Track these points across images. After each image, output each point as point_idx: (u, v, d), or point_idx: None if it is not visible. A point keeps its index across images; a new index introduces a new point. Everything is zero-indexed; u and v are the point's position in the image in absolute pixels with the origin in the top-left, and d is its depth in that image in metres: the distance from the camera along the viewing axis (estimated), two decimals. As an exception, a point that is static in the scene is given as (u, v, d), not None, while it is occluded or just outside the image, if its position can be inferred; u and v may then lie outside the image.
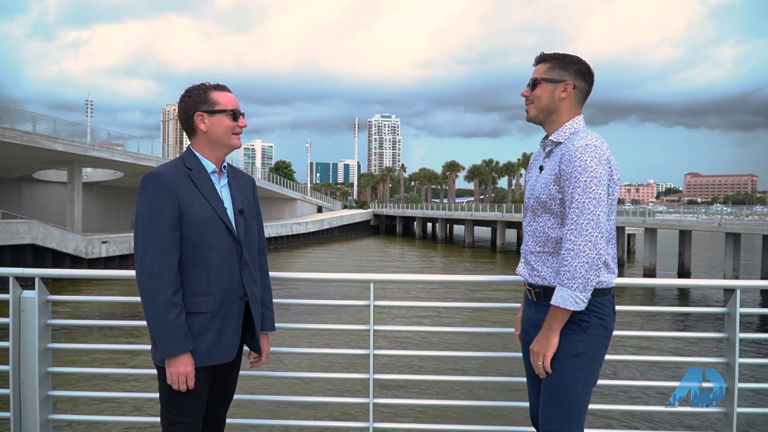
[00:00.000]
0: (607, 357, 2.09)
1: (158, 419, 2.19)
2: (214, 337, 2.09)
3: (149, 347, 2.17)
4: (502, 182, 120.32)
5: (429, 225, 66.62)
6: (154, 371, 2.16)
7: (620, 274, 2.18)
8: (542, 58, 2.09)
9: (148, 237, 2.00)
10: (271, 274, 2.46)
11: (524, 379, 2.30)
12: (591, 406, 2.09)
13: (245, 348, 2.33)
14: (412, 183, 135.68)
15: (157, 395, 2.17)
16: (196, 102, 2.13)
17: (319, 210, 74.59)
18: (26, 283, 2.80)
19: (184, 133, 2.20)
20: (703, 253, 40.79)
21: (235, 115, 2.15)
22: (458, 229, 62.09)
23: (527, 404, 2.31)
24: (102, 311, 17.09)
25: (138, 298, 2.29)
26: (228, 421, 2.41)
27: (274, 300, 2.42)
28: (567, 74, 2.03)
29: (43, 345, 2.78)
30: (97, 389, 8.51)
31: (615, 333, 2.07)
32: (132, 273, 2.28)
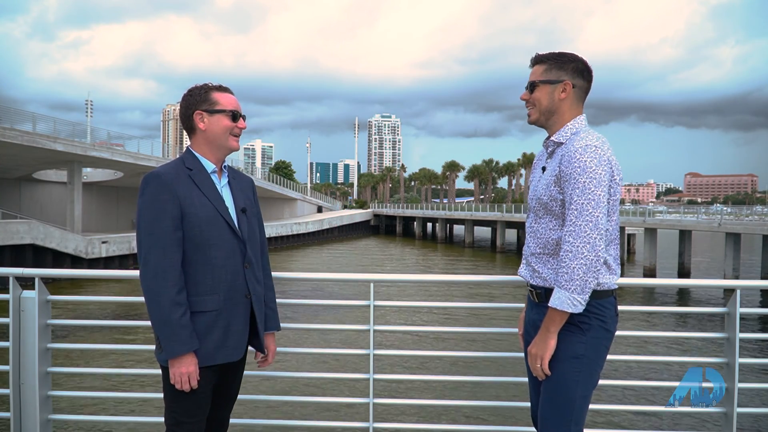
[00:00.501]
0: (607, 357, 2.08)
1: (159, 419, 2.19)
2: (220, 336, 2.09)
3: (149, 347, 2.17)
4: (502, 182, 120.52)
5: (429, 225, 66.61)
6: (154, 371, 2.16)
7: (621, 274, 2.18)
8: (538, 60, 2.06)
9: (151, 237, 2.01)
10: (272, 274, 2.46)
11: (524, 379, 2.30)
12: (591, 406, 2.09)
13: (249, 348, 2.32)
14: (412, 183, 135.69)
15: (157, 395, 2.17)
16: (196, 101, 2.14)
17: (319, 210, 74.58)
18: (26, 283, 2.80)
19: (185, 133, 2.20)
20: (703, 253, 40.79)
21: (235, 115, 2.16)
22: (458, 229, 62.08)
23: (527, 404, 2.31)
24: (102, 311, 17.09)
25: (138, 298, 2.29)
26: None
27: (274, 300, 2.42)
28: (565, 74, 2.02)
29: (43, 345, 2.78)
30: (97, 389, 8.51)
31: (615, 333, 2.07)
32: (132, 273, 2.28)
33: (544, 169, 2.08)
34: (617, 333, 2.09)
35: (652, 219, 36.09)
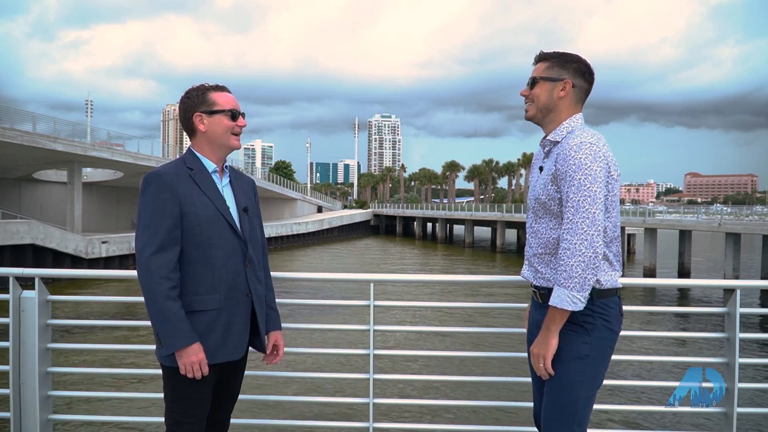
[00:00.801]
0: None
1: (159, 419, 2.19)
2: (221, 335, 2.09)
3: (149, 347, 2.16)
4: (502, 182, 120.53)
5: (429, 225, 66.62)
6: (154, 371, 2.16)
7: (621, 274, 2.18)
8: (542, 57, 2.07)
9: (148, 234, 2.01)
10: (272, 274, 2.46)
11: (524, 379, 2.29)
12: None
13: (250, 348, 2.32)
14: (412, 183, 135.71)
15: (157, 395, 2.17)
16: (195, 103, 2.14)
17: (319, 210, 74.59)
18: (26, 283, 2.80)
19: (185, 133, 2.21)
20: (703, 253, 40.79)
21: (234, 114, 2.16)
22: (458, 229, 62.08)
23: (528, 404, 2.30)
24: (102, 311, 17.09)
25: (138, 298, 2.29)
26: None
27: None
28: (566, 73, 2.02)
29: (43, 345, 2.78)
30: (97, 389, 8.51)
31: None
32: (132, 273, 2.28)
33: (541, 169, 2.08)
34: (617, 333, 2.09)
35: (652, 219, 36.09)
